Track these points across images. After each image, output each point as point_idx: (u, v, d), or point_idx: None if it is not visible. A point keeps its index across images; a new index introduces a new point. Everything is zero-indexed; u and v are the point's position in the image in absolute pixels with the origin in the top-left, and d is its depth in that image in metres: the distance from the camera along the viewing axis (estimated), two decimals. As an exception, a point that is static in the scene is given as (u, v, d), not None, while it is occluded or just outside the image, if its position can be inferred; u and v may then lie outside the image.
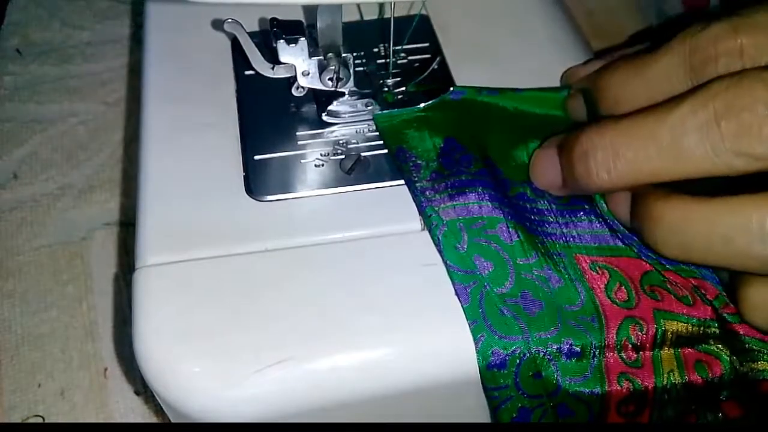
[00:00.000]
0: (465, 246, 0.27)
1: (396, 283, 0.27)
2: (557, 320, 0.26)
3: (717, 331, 0.26)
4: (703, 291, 0.27)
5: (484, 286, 0.26)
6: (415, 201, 0.29)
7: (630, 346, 0.26)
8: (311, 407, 0.25)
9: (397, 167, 0.30)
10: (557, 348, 0.25)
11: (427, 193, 0.29)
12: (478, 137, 0.31)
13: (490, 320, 0.25)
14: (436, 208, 0.28)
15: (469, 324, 0.25)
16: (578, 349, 0.25)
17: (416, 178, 0.29)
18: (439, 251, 0.27)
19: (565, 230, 0.28)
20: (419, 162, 0.30)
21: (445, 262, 0.27)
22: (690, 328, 0.26)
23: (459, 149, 0.30)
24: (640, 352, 0.26)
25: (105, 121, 0.49)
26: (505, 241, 0.27)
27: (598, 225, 0.29)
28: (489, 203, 0.28)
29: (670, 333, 0.26)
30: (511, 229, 0.28)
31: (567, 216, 0.29)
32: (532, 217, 0.29)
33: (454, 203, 0.28)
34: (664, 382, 0.26)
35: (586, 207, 0.29)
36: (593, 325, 0.26)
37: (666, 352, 0.26)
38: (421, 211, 0.28)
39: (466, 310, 0.26)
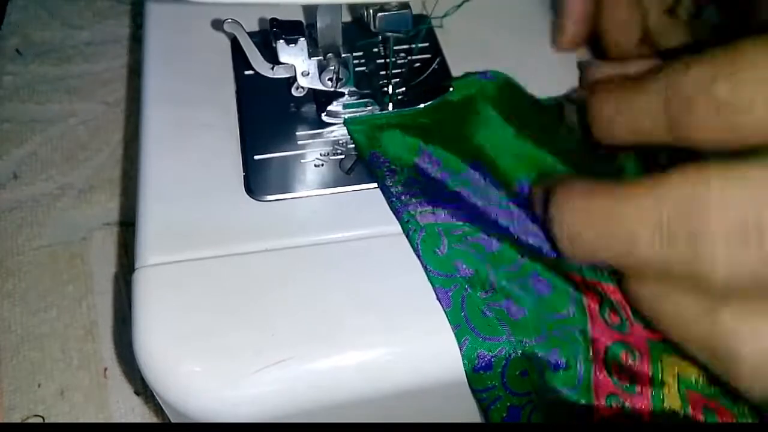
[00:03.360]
0: (445, 250, 0.27)
1: (396, 283, 0.27)
2: (541, 329, 0.26)
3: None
4: None
5: (465, 289, 0.26)
6: (390, 206, 0.29)
7: (622, 370, 0.25)
8: (311, 407, 0.25)
9: (370, 172, 0.30)
10: (544, 356, 0.25)
11: (403, 197, 0.28)
12: (461, 140, 0.31)
13: (473, 323, 0.25)
14: (413, 212, 0.28)
15: (452, 328, 0.25)
16: (564, 361, 0.25)
17: (391, 183, 0.29)
18: (418, 255, 0.27)
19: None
20: (393, 167, 0.30)
21: (424, 267, 0.27)
22: (689, 370, 0.25)
23: (436, 163, 0.30)
24: (637, 385, 0.25)
25: (105, 121, 0.49)
26: (487, 249, 0.27)
27: None
28: (470, 214, 0.28)
29: (671, 373, 0.25)
30: (492, 239, 0.27)
31: None
32: (523, 227, 0.28)
33: (433, 209, 0.28)
34: (664, 411, 0.25)
35: None
36: (577, 338, 0.26)
37: (670, 393, 0.25)
38: (398, 216, 0.28)
39: (449, 314, 0.25)
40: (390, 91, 0.33)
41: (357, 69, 0.34)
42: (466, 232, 0.27)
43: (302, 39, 0.30)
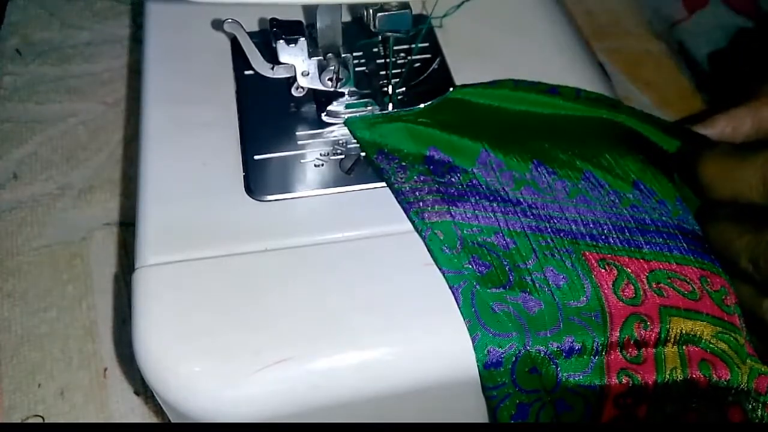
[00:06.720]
0: (459, 248, 0.27)
1: (396, 283, 0.27)
2: (558, 318, 0.26)
3: (724, 332, 0.26)
4: (709, 280, 0.27)
5: (474, 285, 0.26)
6: (400, 205, 0.29)
7: (632, 343, 0.26)
8: (311, 407, 0.25)
9: (377, 172, 0.30)
10: (558, 346, 0.25)
11: (410, 196, 0.29)
12: (466, 135, 0.31)
13: (483, 319, 0.25)
14: (419, 211, 0.28)
15: (465, 323, 0.25)
16: (579, 346, 0.26)
17: (402, 180, 0.29)
18: (430, 252, 0.27)
19: (574, 228, 0.28)
20: (404, 164, 0.30)
21: (436, 264, 0.27)
22: (695, 327, 0.26)
23: (445, 159, 0.30)
24: (643, 349, 0.26)
25: (105, 121, 0.49)
26: (502, 248, 0.27)
27: (606, 226, 0.29)
28: (483, 213, 0.28)
29: (674, 331, 0.26)
30: (507, 238, 0.28)
31: (574, 212, 0.29)
32: (539, 213, 0.29)
33: (449, 207, 0.28)
34: (666, 379, 0.26)
35: (596, 203, 0.29)
36: (596, 322, 0.26)
37: (670, 350, 0.26)
38: (407, 215, 0.28)
39: (461, 310, 0.26)
40: (390, 91, 0.33)
41: (357, 69, 0.34)
42: (482, 233, 0.28)
43: (302, 39, 0.30)
